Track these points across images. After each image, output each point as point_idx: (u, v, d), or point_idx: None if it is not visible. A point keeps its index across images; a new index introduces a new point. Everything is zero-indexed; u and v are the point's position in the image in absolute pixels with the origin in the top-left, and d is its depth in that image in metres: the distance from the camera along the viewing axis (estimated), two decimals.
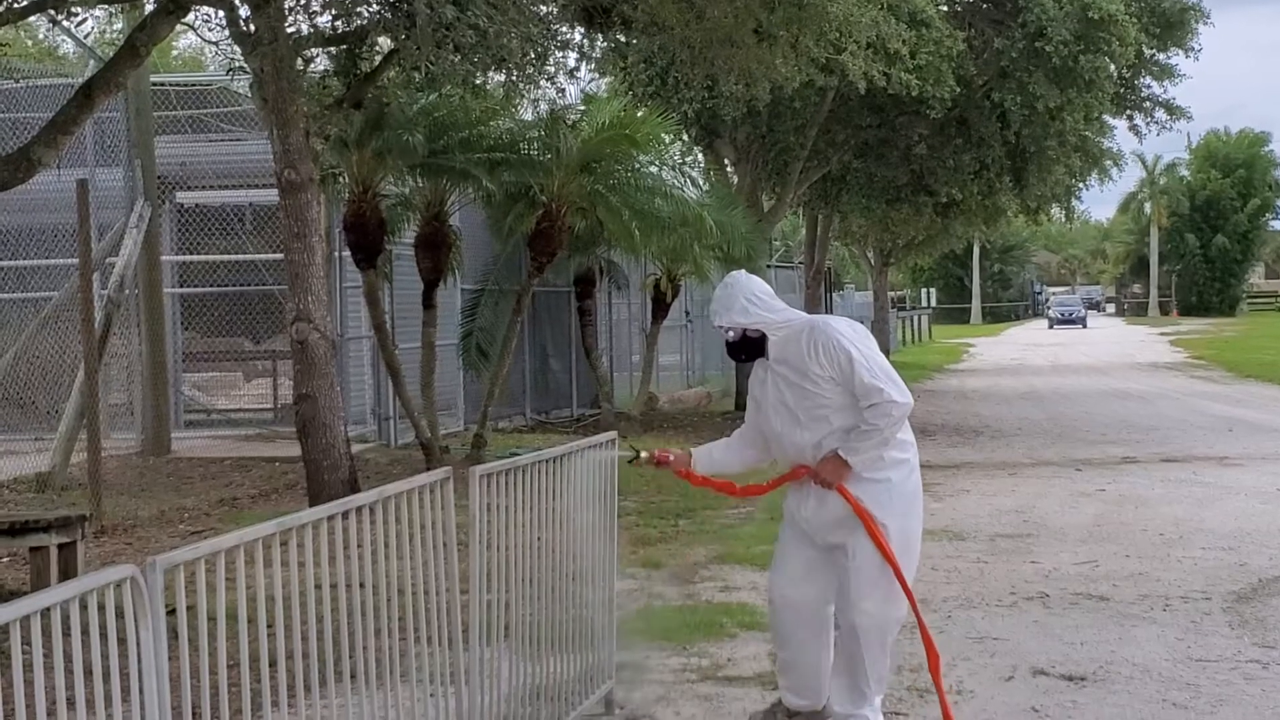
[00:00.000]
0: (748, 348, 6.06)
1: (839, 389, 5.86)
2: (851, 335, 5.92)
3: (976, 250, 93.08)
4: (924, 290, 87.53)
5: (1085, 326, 79.19)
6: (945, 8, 23.87)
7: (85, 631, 3.49)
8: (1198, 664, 7.62)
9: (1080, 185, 30.24)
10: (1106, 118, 28.03)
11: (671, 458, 6.33)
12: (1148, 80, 28.52)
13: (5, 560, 10.29)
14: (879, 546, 5.85)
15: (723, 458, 6.36)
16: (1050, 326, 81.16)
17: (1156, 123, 28.99)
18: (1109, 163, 31.04)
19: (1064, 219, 34.74)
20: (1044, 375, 37.31)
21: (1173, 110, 28.88)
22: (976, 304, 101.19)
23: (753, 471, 6.61)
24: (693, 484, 6.58)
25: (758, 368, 6.13)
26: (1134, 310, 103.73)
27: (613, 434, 6.87)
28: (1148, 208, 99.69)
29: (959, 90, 22.17)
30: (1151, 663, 7.63)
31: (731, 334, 6.04)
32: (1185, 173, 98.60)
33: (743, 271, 6.21)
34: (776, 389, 6.02)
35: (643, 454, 6.37)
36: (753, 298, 5.99)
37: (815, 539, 6.04)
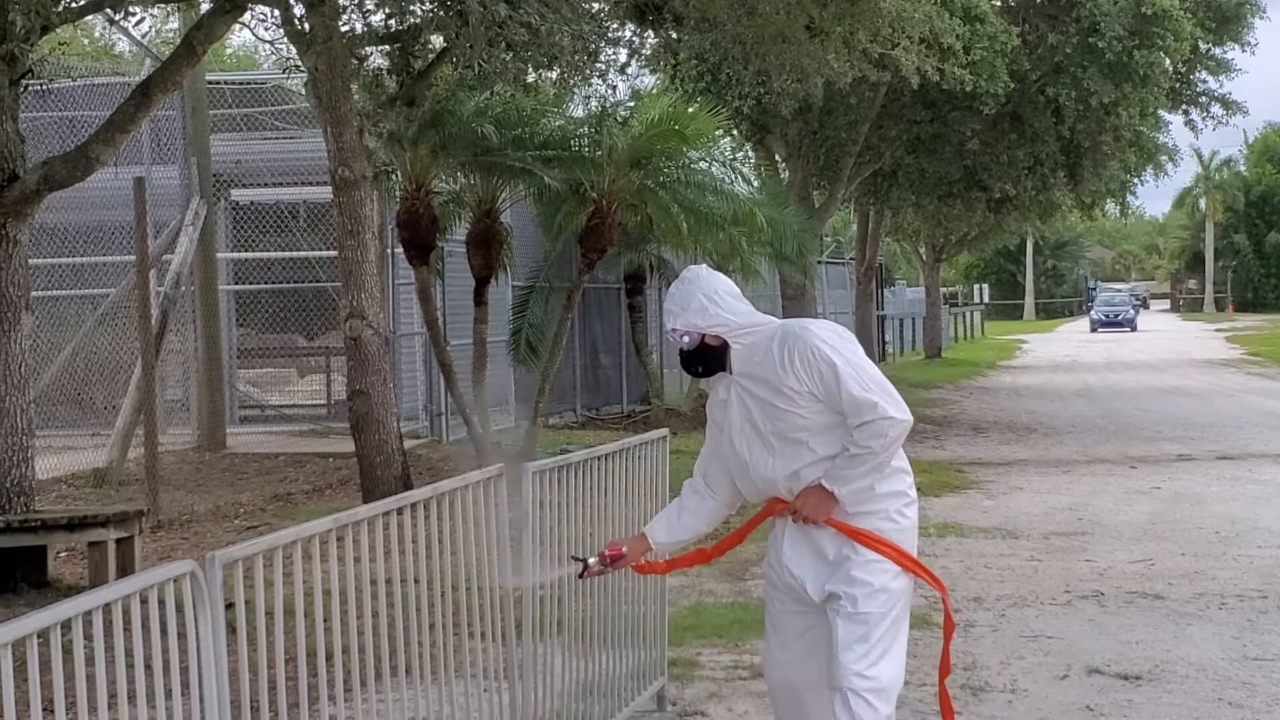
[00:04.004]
0: (706, 358, 4.97)
1: (819, 407, 4.81)
2: (835, 341, 4.84)
3: (1030, 246, 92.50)
4: (976, 286, 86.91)
5: (1135, 329, 68.09)
6: (999, 3, 23.79)
7: (145, 626, 3.53)
8: (1254, 663, 7.57)
9: (1135, 180, 30.10)
10: (1162, 113, 27.89)
11: (625, 550, 5.24)
12: (1203, 75, 28.37)
13: (64, 555, 10.39)
14: (884, 552, 4.85)
15: (681, 523, 5.22)
16: (1093, 330, 69.87)
17: (1212, 117, 28.84)
18: (1164, 158, 30.85)
19: (1118, 214, 34.57)
20: (1098, 372, 37.07)
21: (1228, 105, 28.70)
22: (1030, 300, 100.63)
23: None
24: (660, 574, 5.60)
25: (718, 386, 5.05)
26: (1189, 306, 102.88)
27: (664, 431, 6.88)
28: (1203, 203, 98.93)
29: (1013, 85, 22.10)
30: (1207, 661, 7.59)
31: (687, 339, 4.95)
32: (1242, 168, 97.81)
33: (704, 267, 5.13)
34: (742, 408, 4.94)
35: (590, 560, 5.26)
36: (715, 296, 4.92)
37: (802, 594, 4.95)
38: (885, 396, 4.77)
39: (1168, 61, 24.22)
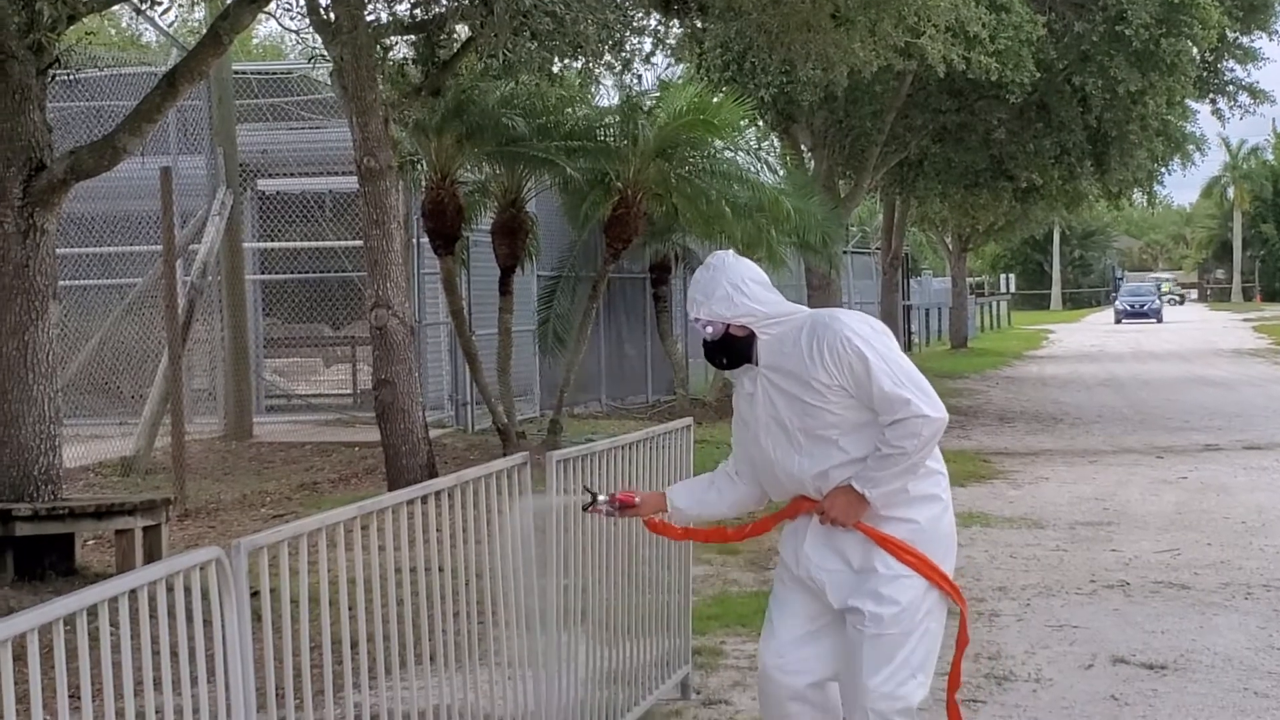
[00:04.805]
0: (730, 349, 4.72)
1: (850, 402, 4.56)
2: (867, 333, 4.58)
3: (1057, 235, 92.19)
4: (1003, 276, 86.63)
5: (1161, 320, 65.90)
6: None
7: (171, 613, 3.55)
8: (1279, 652, 7.55)
9: (1162, 170, 29.96)
10: (1189, 101, 27.73)
11: (638, 500, 5.12)
12: (1231, 64, 28.20)
13: (91, 542, 10.45)
14: (911, 563, 4.61)
15: (705, 497, 5.04)
16: (1117, 321, 67.56)
17: (1239, 106, 28.66)
18: (1191, 147, 30.71)
19: (1146, 204, 34.44)
20: (1125, 362, 36.95)
21: (1256, 94, 28.53)
22: (1057, 290, 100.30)
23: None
24: (672, 538, 5.47)
25: (744, 378, 4.81)
26: (1216, 296, 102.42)
27: (688, 420, 6.87)
28: (1230, 192, 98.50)
29: (1039, 74, 21.99)
30: (1233, 651, 7.56)
31: (711, 330, 4.70)
32: (1269, 157, 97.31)
33: (730, 253, 4.86)
34: (769, 403, 4.70)
35: (599, 497, 5.12)
36: (741, 284, 4.67)
37: (820, 595, 4.72)
38: (919, 393, 4.52)
39: (1195, 50, 24.07)
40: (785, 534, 4.88)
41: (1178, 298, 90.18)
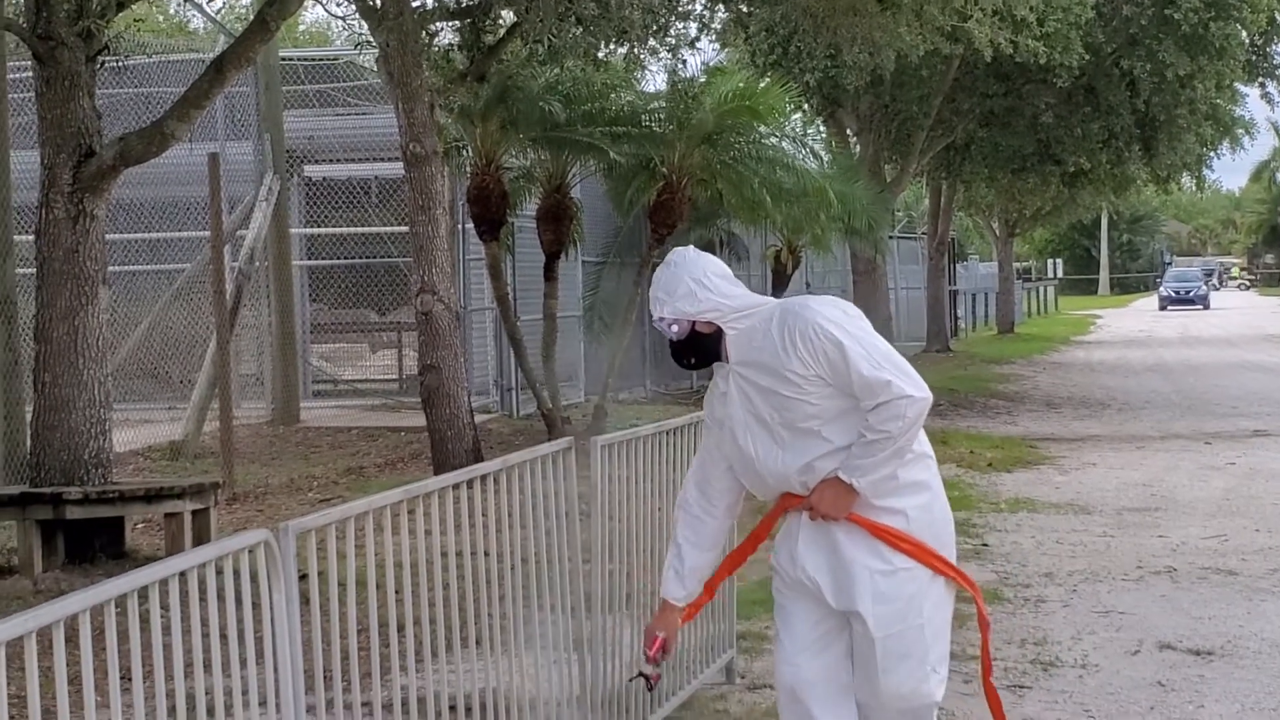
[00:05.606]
0: (698, 347, 4.52)
1: (829, 391, 4.35)
2: (839, 317, 4.38)
3: (1104, 220, 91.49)
4: (1050, 261, 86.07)
5: (1207, 307, 62.98)
6: None
7: (220, 595, 3.58)
8: None
9: (1211, 154, 29.73)
10: (1238, 85, 27.51)
11: (661, 634, 4.76)
12: None
13: (141, 526, 10.54)
14: (909, 551, 4.41)
15: (692, 566, 4.78)
16: (1161, 307, 64.52)
17: None
18: (1241, 131, 30.47)
19: (1194, 188, 34.18)
20: (1172, 347, 36.71)
21: None
22: (1104, 275, 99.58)
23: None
24: (706, 601, 5.14)
25: (716, 378, 4.60)
26: (1266, 281, 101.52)
27: None
28: (1279, 176, 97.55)
29: (1087, 58, 21.86)
30: None
31: (676, 329, 4.49)
32: None
33: (690, 248, 4.64)
34: (744, 399, 4.47)
35: (646, 670, 4.78)
36: (704, 279, 4.47)
37: (819, 596, 4.51)
38: (900, 374, 4.30)
39: (1244, 33, 23.91)
40: (779, 539, 4.65)
41: (1245, 283, 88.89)
